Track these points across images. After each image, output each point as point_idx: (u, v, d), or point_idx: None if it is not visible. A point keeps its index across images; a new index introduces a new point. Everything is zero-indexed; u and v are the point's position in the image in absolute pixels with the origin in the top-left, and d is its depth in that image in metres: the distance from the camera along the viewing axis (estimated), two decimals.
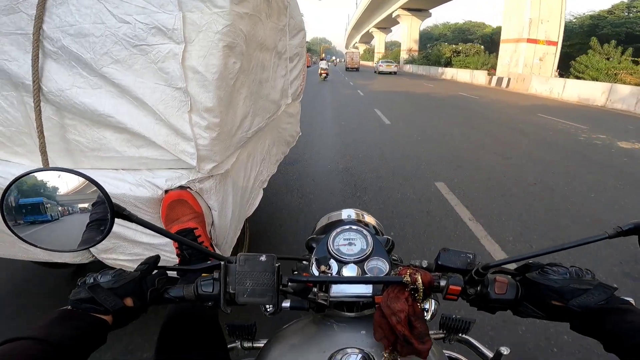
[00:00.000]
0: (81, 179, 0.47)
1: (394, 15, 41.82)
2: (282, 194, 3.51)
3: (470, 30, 40.87)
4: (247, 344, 0.75)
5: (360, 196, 3.53)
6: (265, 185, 1.96)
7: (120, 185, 1.16)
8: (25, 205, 0.47)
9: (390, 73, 28.42)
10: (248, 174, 1.61)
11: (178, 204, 1.23)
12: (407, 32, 41.12)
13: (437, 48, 32.43)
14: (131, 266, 1.39)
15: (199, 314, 0.76)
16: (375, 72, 30.93)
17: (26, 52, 1.03)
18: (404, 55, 42.78)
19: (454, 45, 29.99)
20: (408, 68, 37.82)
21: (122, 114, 1.10)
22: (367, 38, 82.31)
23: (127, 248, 1.32)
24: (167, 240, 1.30)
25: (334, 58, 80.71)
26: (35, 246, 0.47)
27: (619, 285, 1.44)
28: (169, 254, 1.33)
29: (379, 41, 65.15)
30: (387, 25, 57.69)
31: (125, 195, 1.16)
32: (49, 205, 0.48)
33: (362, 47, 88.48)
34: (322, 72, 18.68)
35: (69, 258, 1.42)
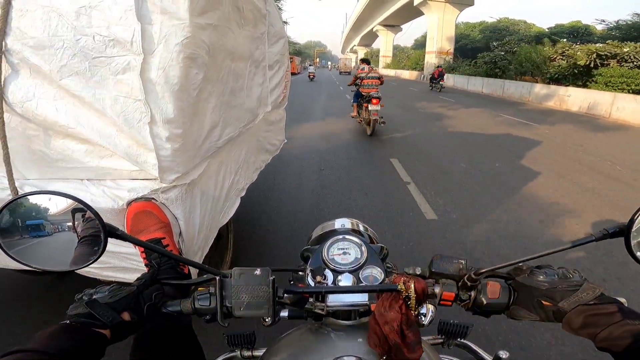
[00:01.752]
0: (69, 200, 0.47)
1: (415, 3, 28.88)
2: None
3: (508, 29, 31.06)
4: (246, 353, 0.75)
5: None
6: (243, 194, 1.95)
7: (82, 196, 1.15)
8: (26, 226, 0.48)
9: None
10: (220, 184, 1.61)
11: (144, 215, 1.23)
12: (437, 28, 27.79)
13: (526, 50, 16.83)
14: (99, 273, 1.40)
15: (172, 324, 0.75)
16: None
17: None
18: (431, 60, 28.02)
19: (598, 45, 14.79)
20: (450, 83, 21.36)
21: (83, 125, 1.11)
22: (369, 39, 70.41)
23: None
24: (134, 250, 1.30)
25: (330, 63, 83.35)
26: (23, 264, 0.47)
27: None
28: (135, 263, 1.33)
29: (386, 42, 50.55)
30: (399, 21, 44.96)
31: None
32: (47, 224, 0.48)
33: (362, 51, 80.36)
34: (310, 74, 27.02)
35: None
